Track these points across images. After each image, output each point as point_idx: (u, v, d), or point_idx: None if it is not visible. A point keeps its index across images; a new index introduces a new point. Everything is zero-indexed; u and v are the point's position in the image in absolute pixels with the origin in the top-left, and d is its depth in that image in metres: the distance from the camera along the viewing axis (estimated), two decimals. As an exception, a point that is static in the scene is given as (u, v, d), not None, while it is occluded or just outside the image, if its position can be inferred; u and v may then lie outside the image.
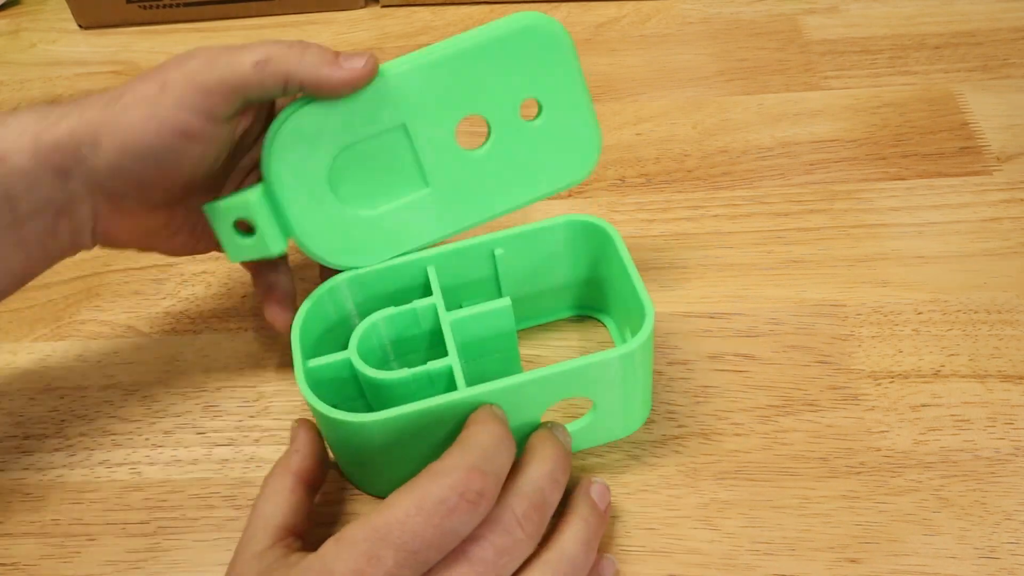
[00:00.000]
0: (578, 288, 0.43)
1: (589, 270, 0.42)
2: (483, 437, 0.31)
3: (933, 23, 0.60)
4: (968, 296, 0.44)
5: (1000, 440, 0.39)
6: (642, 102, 0.56)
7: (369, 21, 0.66)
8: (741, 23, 0.62)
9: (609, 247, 0.39)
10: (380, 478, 0.38)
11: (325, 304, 0.39)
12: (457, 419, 0.34)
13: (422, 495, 0.29)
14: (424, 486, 0.29)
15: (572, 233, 0.40)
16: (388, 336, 0.39)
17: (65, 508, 0.40)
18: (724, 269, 0.46)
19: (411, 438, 0.34)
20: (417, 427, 0.34)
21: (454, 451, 0.31)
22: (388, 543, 0.28)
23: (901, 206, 0.48)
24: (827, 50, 0.59)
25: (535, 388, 0.34)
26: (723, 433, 0.40)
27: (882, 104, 0.55)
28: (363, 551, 0.28)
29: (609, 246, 0.39)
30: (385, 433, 0.34)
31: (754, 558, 0.36)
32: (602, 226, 0.39)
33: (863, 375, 0.41)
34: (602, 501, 0.35)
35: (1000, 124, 0.52)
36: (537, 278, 0.41)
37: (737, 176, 0.51)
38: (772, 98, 0.56)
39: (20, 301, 0.48)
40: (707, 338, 0.43)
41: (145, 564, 0.38)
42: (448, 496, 0.29)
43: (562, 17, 0.63)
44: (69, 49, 0.66)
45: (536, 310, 0.44)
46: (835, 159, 0.51)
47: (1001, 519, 0.36)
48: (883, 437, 0.39)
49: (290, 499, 0.34)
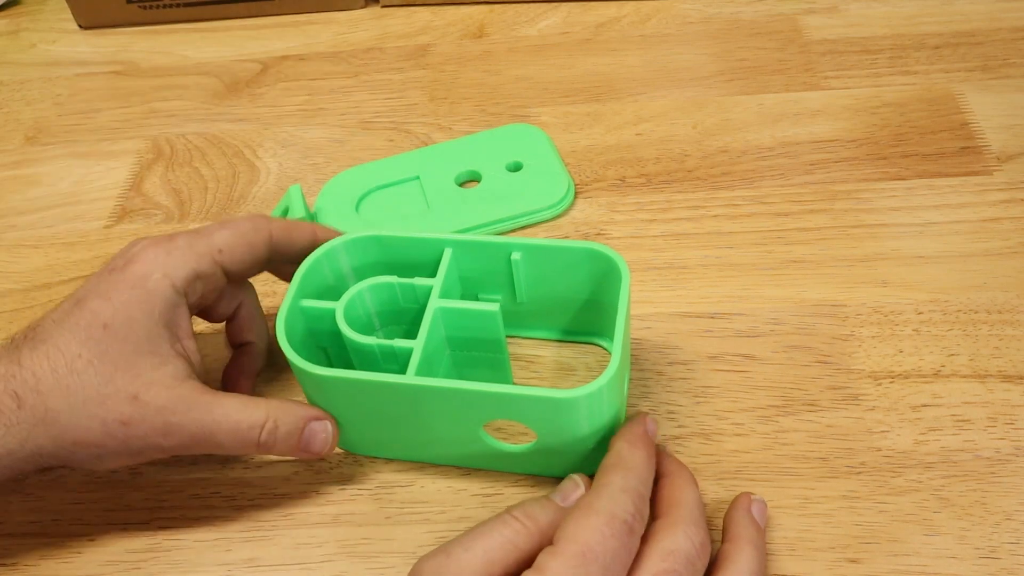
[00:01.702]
0: (590, 313, 0.42)
1: (598, 297, 0.41)
2: (638, 459, 0.34)
3: (933, 23, 0.60)
4: (968, 296, 0.44)
5: (1000, 440, 0.39)
6: (642, 102, 0.56)
7: (369, 21, 0.66)
8: (741, 23, 0.62)
9: (615, 281, 0.38)
10: (346, 429, 0.38)
11: (338, 256, 0.40)
12: (403, 401, 0.35)
13: (609, 517, 0.31)
14: (606, 507, 0.31)
15: (589, 260, 0.39)
16: (379, 304, 0.40)
17: (65, 508, 0.40)
18: (724, 269, 0.46)
19: (363, 402, 0.36)
20: (365, 395, 0.35)
21: (619, 471, 0.33)
22: (594, 562, 0.30)
23: (901, 206, 0.48)
24: (827, 50, 0.59)
25: (469, 400, 0.35)
26: (723, 433, 0.40)
27: (882, 104, 0.55)
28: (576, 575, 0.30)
29: (615, 280, 0.38)
30: (335, 389, 0.36)
31: (754, 558, 0.36)
32: (615, 262, 0.38)
33: (863, 375, 0.41)
34: (762, 520, 0.35)
35: (1000, 124, 0.52)
36: (549, 292, 0.41)
37: (737, 176, 0.51)
38: (772, 98, 0.56)
39: (21, 301, 0.48)
40: (707, 338, 0.43)
41: (145, 564, 0.38)
42: (626, 518, 0.31)
43: (562, 17, 0.63)
44: (69, 49, 0.66)
45: (544, 323, 0.43)
46: (835, 159, 0.51)
47: (1001, 519, 0.36)
48: (883, 437, 0.39)
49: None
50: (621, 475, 0.32)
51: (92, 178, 0.56)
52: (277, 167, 0.55)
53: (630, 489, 0.32)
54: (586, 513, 0.31)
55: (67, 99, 0.62)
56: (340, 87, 0.60)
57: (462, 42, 0.63)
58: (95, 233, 0.52)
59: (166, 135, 0.58)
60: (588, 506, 0.31)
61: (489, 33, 0.63)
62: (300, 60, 0.63)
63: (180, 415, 0.34)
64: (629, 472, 0.33)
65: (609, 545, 0.30)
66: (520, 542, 0.31)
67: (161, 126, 0.59)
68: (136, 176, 0.55)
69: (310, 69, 0.62)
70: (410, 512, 0.38)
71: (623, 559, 0.30)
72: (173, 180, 0.55)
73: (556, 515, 0.33)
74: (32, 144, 0.59)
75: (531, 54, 0.61)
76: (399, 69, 0.61)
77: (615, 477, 0.32)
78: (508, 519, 0.32)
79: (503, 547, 0.31)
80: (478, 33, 0.63)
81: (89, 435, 0.33)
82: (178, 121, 0.59)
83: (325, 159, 0.55)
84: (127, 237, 0.51)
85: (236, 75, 0.62)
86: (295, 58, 0.63)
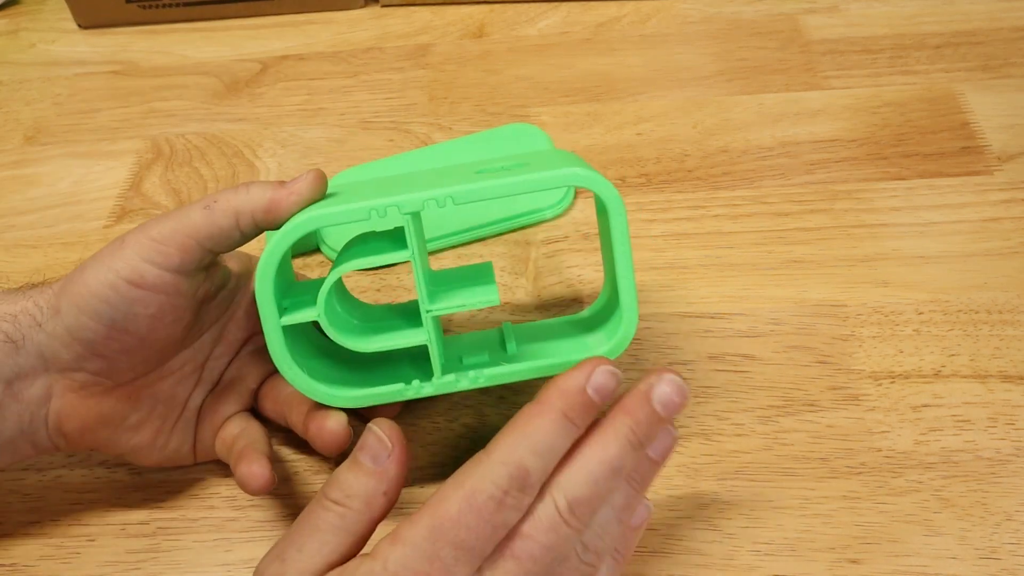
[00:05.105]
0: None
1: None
2: (537, 428, 0.30)
3: (934, 23, 0.60)
4: (969, 296, 0.44)
5: (1001, 440, 0.39)
6: (642, 102, 0.56)
7: (369, 21, 0.66)
8: (741, 23, 0.62)
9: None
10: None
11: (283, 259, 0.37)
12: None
13: (472, 491, 0.29)
14: (474, 481, 0.29)
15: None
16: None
17: (65, 508, 0.40)
18: (724, 269, 0.46)
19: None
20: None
21: (507, 437, 0.30)
22: (446, 541, 0.28)
23: (902, 206, 0.48)
24: (828, 50, 0.59)
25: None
26: (724, 433, 0.40)
27: (883, 104, 0.55)
28: (424, 552, 0.28)
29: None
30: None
31: (755, 558, 0.36)
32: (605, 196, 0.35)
33: (864, 375, 0.41)
34: (666, 409, 0.31)
35: (1001, 124, 0.52)
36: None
37: (737, 176, 0.51)
38: (772, 98, 0.56)
39: (20, 301, 0.48)
40: (707, 338, 0.43)
41: (145, 564, 0.38)
42: (495, 492, 0.29)
43: (562, 17, 0.63)
44: (68, 49, 0.66)
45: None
46: (836, 159, 0.51)
47: (1002, 519, 0.36)
48: (884, 437, 0.39)
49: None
50: (509, 444, 0.29)
51: (91, 178, 0.56)
52: (277, 167, 0.55)
53: (511, 462, 0.29)
54: (452, 485, 0.29)
55: (66, 99, 0.62)
56: (340, 87, 0.60)
57: (462, 42, 0.63)
58: (94, 233, 0.52)
59: (166, 135, 0.58)
60: (455, 478, 0.29)
61: (489, 33, 0.63)
62: (300, 60, 0.63)
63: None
64: (521, 441, 0.29)
65: (466, 521, 0.28)
66: (349, 525, 0.30)
67: (160, 126, 0.59)
68: (135, 176, 0.55)
69: (310, 69, 0.62)
70: (409, 512, 0.38)
71: (485, 534, 0.28)
72: (172, 180, 0.55)
73: (374, 481, 0.31)
74: (31, 144, 0.59)
75: (531, 54, 0.61)
76: (399, 69, 0.61)
77: (502, 445, 0.29)
78: (328, 504, 0.30)
79: (336, 536, 0.30)
80: (478, 33, 0.63)
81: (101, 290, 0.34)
82: (178, 121, 0.59)
83: (325, 159, 0.55)
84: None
85: (236, 75, 0.62)
86: (295, 58, 0.63)
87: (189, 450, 0.39)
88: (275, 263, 0.34)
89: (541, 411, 0.30)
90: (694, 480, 0.38)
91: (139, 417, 0.37)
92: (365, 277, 0.48)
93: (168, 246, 0.34)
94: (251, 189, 0.35)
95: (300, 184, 0.35)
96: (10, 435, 0.35)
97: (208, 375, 0.39)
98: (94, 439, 0.36)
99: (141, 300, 0.34)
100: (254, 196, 0.35)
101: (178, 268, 0.34)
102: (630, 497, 0.31)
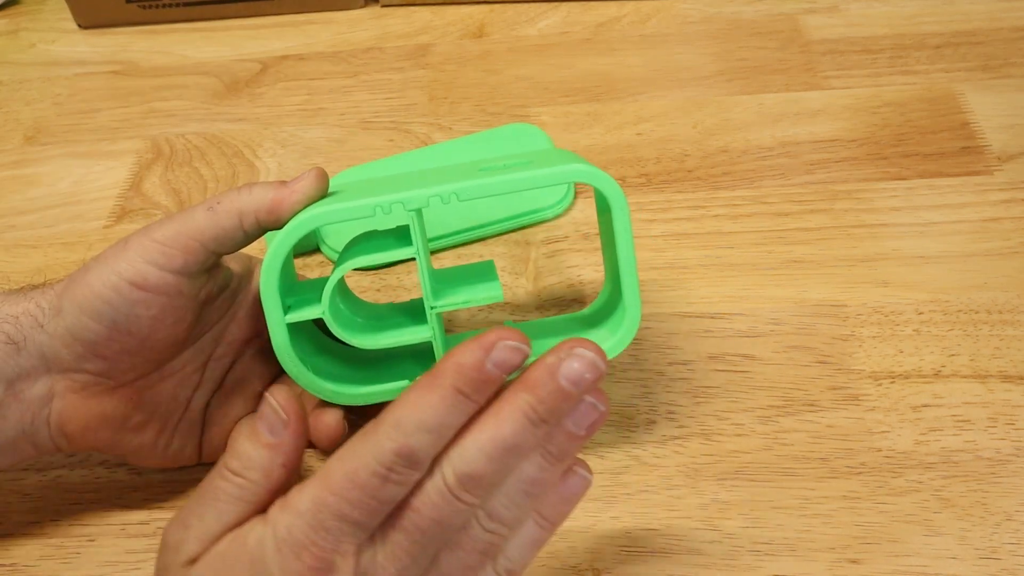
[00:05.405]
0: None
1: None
2: (428, 404, 0.28)
3: (934, 23, 0.60)
4: (969, 296, 0.44)
5: (1001, 441, 0.39)
6: (642, 102, 0.56)
7: (369, 21, 0.66)
8: (741, 23, 0.62)
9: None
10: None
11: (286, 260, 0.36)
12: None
13: (355, 468, 0.28)
14: (359, 457, 0.28)
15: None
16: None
17: (65, 508, 0.40)
18: (724, 269, 0.46)
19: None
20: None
21: (398, 411, 0.28)
22: (330, 513, 0.28)
23: (902, 206, 0.48)
24: (828, 50, 0.59)
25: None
26: (724, 433, 0.40)
27: (883, 104, 0.55)
28: (309, 522, 0.28)
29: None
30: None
31: (755, 558, 0.36)
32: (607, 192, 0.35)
33: (864, 375, 0.41)
34: (575, 385, 0.29)
35: (1001, 124, 0.52)
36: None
37: (737, 176, 0.51)
38: (772, 98, 0.56)
39: (20, 301, 0.48)
40: (707, 338, 0.43)
41: (145, 565, 0.38)
42: (378, 469, 0.28)
43: (562, 17, 0.63)
44: (68, 49, 0.66)
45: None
46: (836, 159, 0.51)
47: (1002, 520, 0.36)
48: (884, 437, 0.39)
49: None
50: (398, 419, 0.28)
51: (91, 178, 0.56)
52: (277, 167, 0.55)
53: (398, 439, 0.28)
54: (338, 458, 0.28)
55: (66, 99, 0.62)
56: (340, 87, 0.60)
57: (462, 42, 0.63)
58: (94, 233, 0.52)
59: (165, 135, 0.58)
60: (342, 451, 0.29)
61: (489, 33, 0.63)
62: (300, 60, 0.63)
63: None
64: (410, 416, 0.28)
65: (349, 496, 0.28)
66: (247, 496, 0.30)
67: (160, 126, 0.59)
68: (135, 176, 0.55)
69: (310, 69, 0.62)
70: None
71: (371, 508, 0.28)
72: (172, 180, 0.55)
73: (272, 453, 0.30)
74: (31, 144, 0.59)
75: (531, 54, 0.61)
76: (399, 69, 0.61)
77: (390, 420, 0.28)
78: (227, 474, 0.30)
79: (234, 506, 0.30)
80: (478, 33, 0.63)
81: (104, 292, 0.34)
82: (177, 121, 0.59)
83: (325, 159, 0.55)
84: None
85: (236, 75, 0.62)
86: (295, 58, 0.63)
87: (192, 451, 0.39)
88: (280, 260, 0.34)
89: (434, 385, 0.28)
90: (694, 480, 0.38)
91: (141, 418, 0.37)
92: (365, 277, 0.48)
93: (172, 248, 0.34)
94: (253, 189, 0.35)
95: (302, 183, 0.35)
96: (12, 435, 0.35)
97: (210, 376, 0.39)
98: (96, 440, 0.36)
99: (143, 301, 0.34)
100: (257, 196, 0.35)
101: (181, 270, 0.34)
102: (544, 470, 0.30)
